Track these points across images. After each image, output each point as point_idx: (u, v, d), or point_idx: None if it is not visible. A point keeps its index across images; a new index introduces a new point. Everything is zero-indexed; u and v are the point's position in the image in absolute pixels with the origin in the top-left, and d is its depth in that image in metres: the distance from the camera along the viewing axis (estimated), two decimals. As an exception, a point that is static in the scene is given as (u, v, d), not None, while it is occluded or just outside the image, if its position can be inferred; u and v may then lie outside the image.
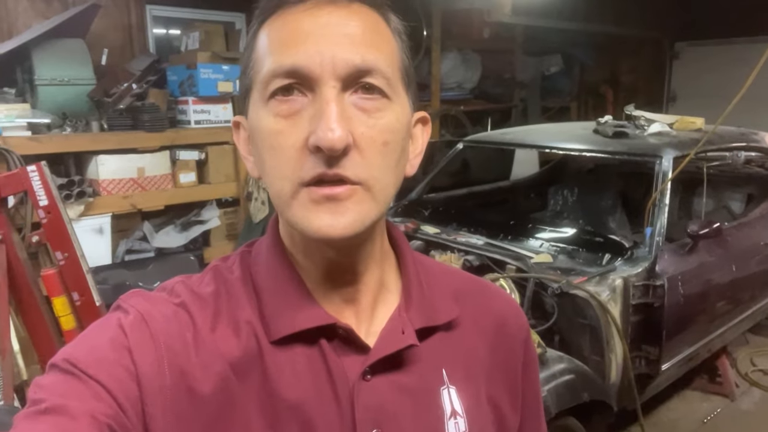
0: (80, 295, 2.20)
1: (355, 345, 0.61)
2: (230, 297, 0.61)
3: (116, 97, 3.49)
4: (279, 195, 0.56)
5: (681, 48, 7.35)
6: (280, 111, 0.55)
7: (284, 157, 0.55)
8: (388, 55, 0.57)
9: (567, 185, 3.93)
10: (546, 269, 2.42)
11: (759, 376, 3.36)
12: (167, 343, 0.56)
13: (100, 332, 0.57)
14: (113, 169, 3.39)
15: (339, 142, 0.52)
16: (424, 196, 3.44)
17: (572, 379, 2.11)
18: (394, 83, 0.58)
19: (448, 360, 0.65)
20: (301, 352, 0.59)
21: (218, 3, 4.31)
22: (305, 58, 0.54)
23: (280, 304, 0.60)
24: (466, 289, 0.72)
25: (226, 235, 3.95)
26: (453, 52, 5.62)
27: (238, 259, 0.66)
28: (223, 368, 0.57)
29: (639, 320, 2.39)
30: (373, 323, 0.64)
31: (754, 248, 3.04)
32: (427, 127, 0.67)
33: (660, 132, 3.11)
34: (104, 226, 3.35)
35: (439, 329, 0.66)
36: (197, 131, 3.77)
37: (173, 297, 0.61)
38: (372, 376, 0.60)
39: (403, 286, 0.67)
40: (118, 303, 0.60)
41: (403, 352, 0.62)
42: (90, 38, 3.63)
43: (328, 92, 0.54)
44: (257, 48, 0.58)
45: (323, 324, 0.60)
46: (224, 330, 0.59)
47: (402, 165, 0.61)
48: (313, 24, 0.55)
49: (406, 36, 0.62)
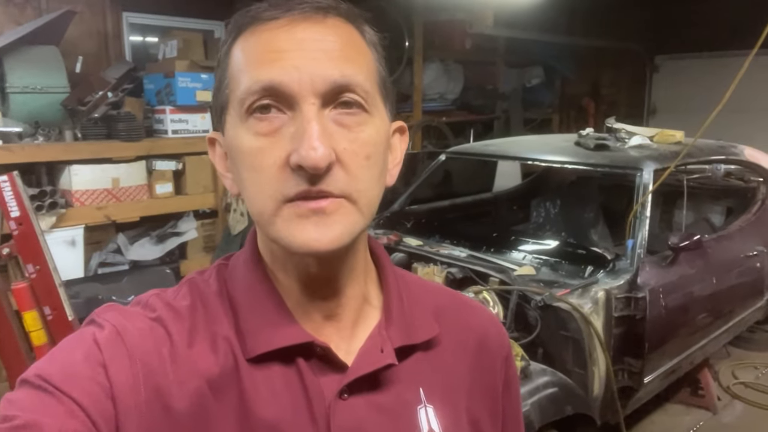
0: (52, 310, 2.16)
1: (333, 364, 0.60)
2: (207, 311, 0.60)
3: (91, 105, 3.43)
4: (261, 212, 0.56)
5: (661, 61, 7.47)
6: (259, 129, 0.54)
7: (265, 176, 0.54)
8: (365, 69, 0.57)
9: (549, 197, 3.95)
10: (529, 282, 2.42)
11: (741, 389, 3.37)
12: (143, 359, 0.55)
13: (73, 347, 0.55)
14: (87, 180, 3.33)
15: (322, 160, 0.52)
16: (406, 207, 3.44)
17: (555, 393, 2.11)
18: (373, 96, 0.57)
19: (426, 379, 0.65)
20: (278, 370, 0.58)
21: (197, 11, 4.27)
22: (282, 74, 0.53)
23: (257, 320, 0.60)
24: (447, 306, 0.72)
25: (203, 247, 3.89)
26: (435, 63, 5.64)
27: (214, 272, 0.65)
28: (199, 385, 0.56)
29: (621, 333, 2.40)
30: (354, 341, 0.63)
31: (734, 261, 3.06)
32: (405, 136, 0.67)
33: (641, 145, 3.13)
34: (77, 238, 3.29)
35: (419, 347, 0.65)
36: (174, 141, 3.72)
37: (148, 311, 0.59)
38: (349, 395, 0.59)
39: (384, 302, 0.66)
40: (92, 317, 0.59)
41: (381, 371, 0.61)
42: (64, 45, 3.58)
43: (309, 110, 0.53)
44: (232, 64, 0.57)
45: (300, 342, 0.59)
46: (201, 346, 0.58)
47: (383, 177, 0.61)
48: (290, 40, 0.54)
49: (381, 47, 0.62)
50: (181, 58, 3.72)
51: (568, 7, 5.57)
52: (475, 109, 6.16)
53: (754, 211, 3.37)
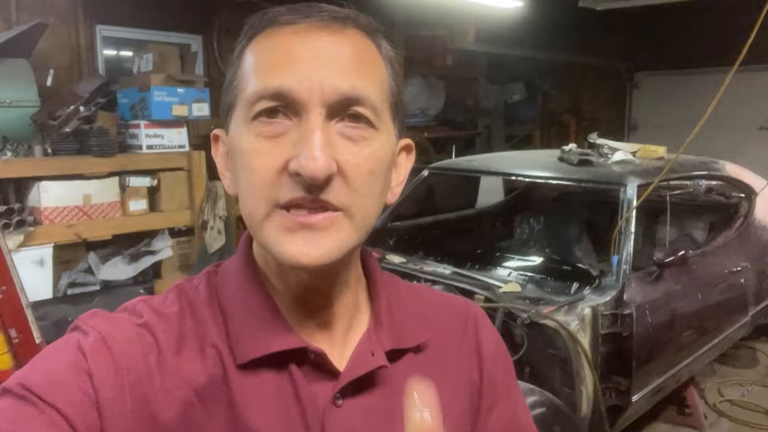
0: (18, 332, 2.08)
1: (326, 370, 0.59)
2: (195, 318, 0.59)
3: (62, 120, 3.36)
4: (252, 215, 0.55)
5: (640, 78, 7.59)
6: (262, 132, 0.54)
7: (261, 178, 0.53)
8: (377, 84, 0.57)
9: (532, 214, 3.92)
10: (515, 299, 2.38)
11: (727, 407, 3.34)
12: (129, 367, 0.53)
13: (57, 355, 0.54)
14: (56, 196, 3.27)
15: (321, 171, 0.51)
16: (388, 224, 3.38)
17: (544, 413, 2.07)
18: (382, 112, 0.57)
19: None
20: (269, 377, 0.58)
21: (174, 24, 4.22)
22: (293, 81, 0.53)
23: (249, 326, 0.59)
24: (433, 309, 0.72)
25: (178, 266, 3.80)
26: (417, 78, 5.64)
27: (204, 279, 0.64)
28: (186, 393, 0.55)
29: (608, 350, 2.36)
30: (346, 348, 0.63)
31: (718, 277, 3.06)
32: (411, 155, 0.67)
33: (623, 160, 3.13)
34: (45, 258, 3.22)
35: (409, 351, 0.65)
36: (149, 156, 3.65)
37: (135, 317, 0.58)
38: (342, 400, 0.59)
39: (373, 307, 0.66)
40: (77, 323, 0.57)
41: (374, 374, 0.61)
42: (35, 58, 3.51)
43: (314, 119, 0.53)
44: (243, 66, 0.57)
45: (294, 347, 0.58)
46: (189, 353, 0.57)
47: (385, 194, 0.60)
48: (304, 47, 0.54)
49: (397, 63, 0.61)
50: (156, 72, 3.65)
51: (549, 24, 5.61)
52: (456, 125, 6.17)
53: (736, 227, 3.37)
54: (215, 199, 3.74)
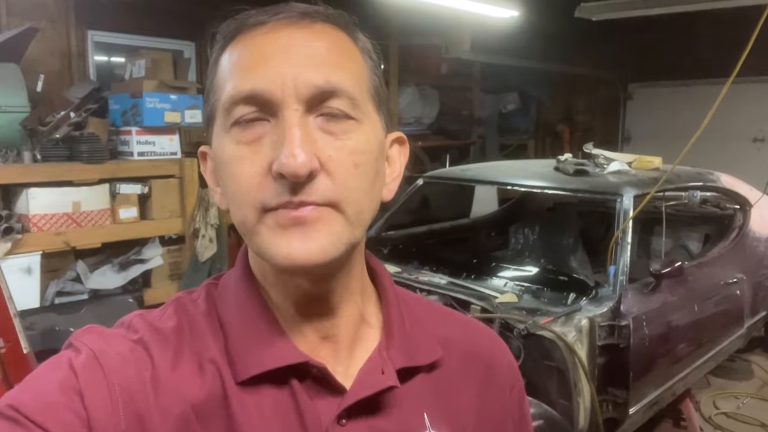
0: (6, 342, 2.03)
1: (330, 386, 0.57)
2: (193, 333, 0.58)
3: (52, 125, 3.31)
4: (243, 223, 0.54)
5: (634, 89, 7.63)
6: (242, 138, 0.53)
7: (246, 185, 0.52)
8: (355, 75, 0.55)
9: (527, 224, 3.91)
10: (511, 309, 2.36)
11: (722, 419, 3.32)
12: (122, 385, 0.52)
13: (48, 374, 0.53)
14: (45, 204, 3.20)
15: (302, 168, 0.50)
16: (383, 233, 3.35)
17: (541, 425, 2.05)
18: (362, 104, 0.55)
19: (430, 403, 0.62)
20: (271, 393, 0.56)
21: (166, 31, 4.19)
22: (265, 81, 0.52)
23: (248, 341, 0.57)
24: (451, 328, 0.69)
25: (169, 275, 3.74)
26: (411, 87, 5.64)
27: (203, 292, 0.62)
28: (183, 411, 0.53)
29: (605, 362, 2.35)
30: (352, 363, 0.60)
31: (714, 288, 3.05)
32: (404, 147, 0.64)
33: (619, 170, 3.12)
34: (33, 266, 3.15)
35: (422, 370, 0.62)
36: (140, 163, 3.60)
37: (131, 333, 0.57)
38: (348, 420, 0.56)
39: (385, 321, 0.63)
40: (70, 341, 0.56)
41: (383, 394, 0.58)
42: (25, 63, 3.45)
43: (291, 116, 0.52)
44: (218, 74, 0.56)
45: (294, 362, 0.56)
46: (186, 369, 0.55)
47: (378, 189, 0.58)
48: (274, 46, 0.53)
49: (376, 55, 0.60)
50: (149, 78, 3.61)
51: (544, 34, 5.63)
52: (451, 134, 6.16)
53: (732, 238, 3.37)
54: (207, 207, 3.69)
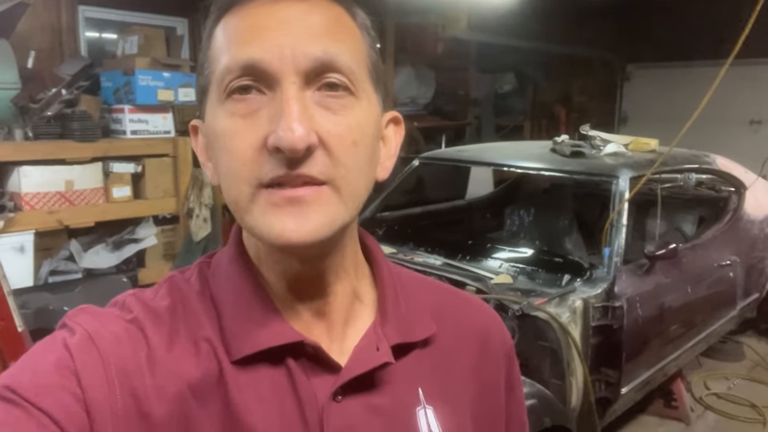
0: (0, 320, 2.06)
1: (325, 364, 0.57)
2: (187, 312, 0.58)
3: (43, 103, 3.27)
4: (236, 200, 0.53)
5: (632, 70, 7.59)
6: (236, 110, 0.52)
7: (241, 159, 0.51)
8: (353, 49, 0.54)
9: (523, 205, 3.91)
10: (506, 290, 2.37)
11: (713, 400, 3.36)
12: (118, 365, 0.52)
13: (43, 354, 0.53)
14: (38, 182, 3.16)
15: (300, 141, 0.49)
16: (378, 214, 3.35)
17: (534, 404, 2.08)
18: (361, 79, 0.54)
19: (425, 378, 0.62)
20: (266, 372, 0.56)
21: (159, 6, 4.12)
22: (262, 51, 0.51)
23: (243, 320, 0.56)
24: (446, 302, 0.69)
25: (163, 254, 3.72)
26: (407, 67, 5.58)
27: (196, 271, 0.62)
28: (180, 390, 0.53)
29: (598, 342, 2.37)
30: (346, 340, 0.61)
31: (708, 270, 3.07)
32: (400, 127, 0.64)
33: (616, 152, 3.12)
34: (26, 245, 3.12)
35: (416, 346, 0.63)
36: (133, 142, 3.55)
37: (125, 312, 0.57)
38: (343, 397, 0.57)
39: (379, 299, 0.63)
40: (64, 321, 0.56)
41: (378, 370, 0.59)
42: (15, 39, 3.39)
43: (288, 88, 0.50)
44: (213, 45, 0.55)
45: (289, 342, 0.56)
46: (182, 348, 0.55)
47: (373, 167, 0.58)
48: (271, 18, 0.52)
49: (374, 32, 0.59)
50: (141, 55, 3.56)
51: (541, 14, 5.57)
52: (446, 115, 6.13)
53: (726, 221, 3.38)
54: (201, 186, 3.67)
